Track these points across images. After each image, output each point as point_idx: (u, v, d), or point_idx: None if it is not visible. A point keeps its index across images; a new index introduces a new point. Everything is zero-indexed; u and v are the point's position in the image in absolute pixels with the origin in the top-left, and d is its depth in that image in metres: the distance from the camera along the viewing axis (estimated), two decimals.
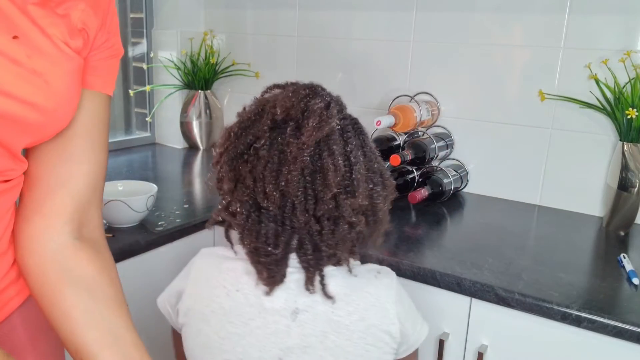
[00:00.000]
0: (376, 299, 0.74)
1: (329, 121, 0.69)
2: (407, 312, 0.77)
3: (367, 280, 0.75)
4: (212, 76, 1.96)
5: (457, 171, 1.54)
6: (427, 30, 1.58)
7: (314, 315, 0.72)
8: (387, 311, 0.73)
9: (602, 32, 1.35)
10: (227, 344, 0.74)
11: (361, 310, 0.73)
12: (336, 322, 0.72)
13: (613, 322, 0.89)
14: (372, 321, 0.73)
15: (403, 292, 0.79)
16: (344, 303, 0.72)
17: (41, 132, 0.61)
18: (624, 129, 1.28)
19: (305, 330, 0.72)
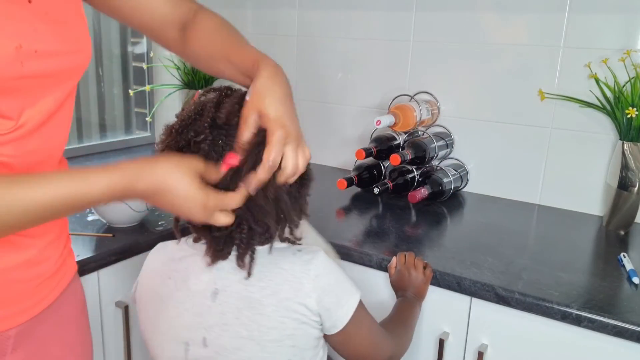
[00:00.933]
0: (290, 274, 0.76)
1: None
2: (330, 286, 0.77)
3: (283, 257, 0.78)
4: (212, 76, 1.96)
5: (457, 170, 1.54)
6: (427, 29, 1.58)
7: (229, 293, 0.77)
8: (302, 285, 0.75)
9: (602, 31, 1.35)
10: (163, 326, 0.82)
11: (273, 285, 0.75)
12: (249, 297, 0.75)
13: (613, 322, 0.89)
14: (286, 295, 0.75)
15: (328, 268, 0.79)
16: (256, 279, 0.76)
17: (78, 74, 0.71)
18: (624, 128, 1.28)
19: (223, 308, 0.77)
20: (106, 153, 1.91)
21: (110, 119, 2.01)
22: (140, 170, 0.63)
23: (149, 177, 0.63)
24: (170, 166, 0.65)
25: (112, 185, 0.61)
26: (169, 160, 0.66)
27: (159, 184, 0.63)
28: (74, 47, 0.69)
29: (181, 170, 0.65)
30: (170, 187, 0.64)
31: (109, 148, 1.95)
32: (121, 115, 2.05)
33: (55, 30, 0.65)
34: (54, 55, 0.64)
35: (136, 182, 0.62)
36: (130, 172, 0.63)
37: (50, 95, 0.66)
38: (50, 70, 0.64)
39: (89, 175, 0.61)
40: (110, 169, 0.62)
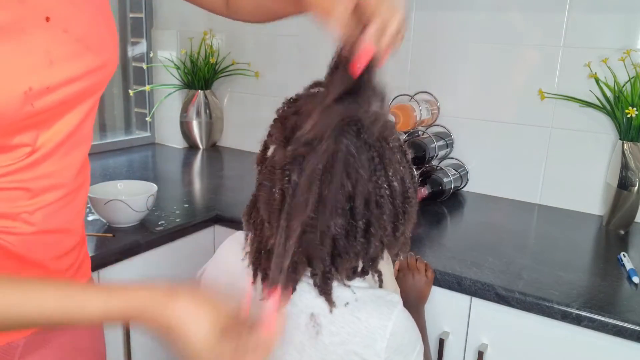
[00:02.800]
0: (365, 327, 0.70)
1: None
2: (402, 347, 0.72)
3: (362, 304, 0.71)
4: (212, 76, 1.96)
5: (457, 170, 1.54)
6: (427, 29, 1.58)
7: (296, 324, 0.71)
8: (375, 342, 0.69)
9: (601, 31, 1.35)
10: None
11: (344, 334, 0.70)
12: (317, 340, 0.70)
13: (613, 321, 0.89)
14: (354, 348, 0.70)
15: (405, 326, 0.72)
16: (327, 321, 0.70)
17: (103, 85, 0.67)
18: (624, 128, 1.28)
19: (287, 335, 0.71)
20: (106, 153, 1.91)
21: (110, 119, 2.01)
22: (151, 301, 0.54)
23: (162, 312, 0.54)
24: (191, 307, 0.54)
25: (112, 310, 0.53)
26: (192, 299, 0.55)
27: (172, 324, 0.53)
28: (96, 64, 0.63)
29: (201, 315, 0.54)
30: (185, 332, 0.53)
31: (109, 148, 1.95)
32: (121, 115, 2.05)
33: (74, 51, 0.60)
34: (70, 82, 0.60)
35: (143, 312, 0.54)
36: (138, 302, 0.54)
37: (68, 117, 0.63)
38: (64, 98, 0.60)
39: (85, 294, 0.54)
40: (115, 292, 0.54)
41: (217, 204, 1.41)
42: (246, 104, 1.95)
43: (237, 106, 1.99)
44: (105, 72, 0.66)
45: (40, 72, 0.56)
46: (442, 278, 1.04)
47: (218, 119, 2.01)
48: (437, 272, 1.04)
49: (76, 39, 0.60)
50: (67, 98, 0.61)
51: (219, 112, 2.02)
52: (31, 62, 0.55)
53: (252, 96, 1.94)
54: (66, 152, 0.65)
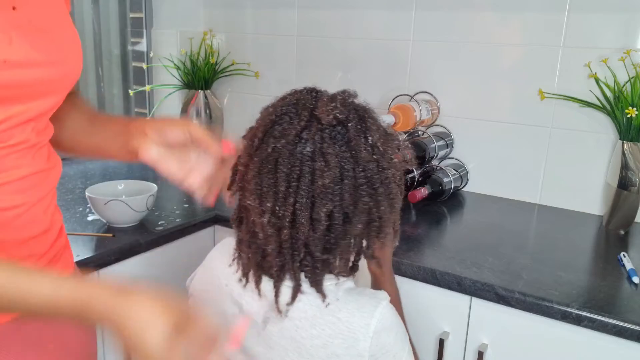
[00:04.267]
0: (347, 327, 0.67)
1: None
2: (388, 346, 0.69)
3: (344, 303, 0.69)
4: (212, 76, 1.96)
5: (457, 170, 1.54)
6: (427, 29, 1.58)
7: (280, 328, 0.70)
8: (357, 342, 0.67)
9: (601, 31, 1.35)
10: None
11: (325, 336, 0.68)
12: (298, 342, 0.69)
13: (613, 321, 0.89)
14: (336, 350, 0.67)
15: (390, 324, 0.70)
16: (309, 324, 0.68)
17: (64, 85, 0.69)
18: (624, 128, 1.28)
19: (270, 341, 0.71)
20: None
21: None
22: (102, 296, 0.53)
23: (112, 309, 0.53)
24: (144, 306, 0.53)
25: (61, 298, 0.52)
26: (145, 298, 0.54)
27: (123, 322, 0.53)
28: (56, 58, 0.66)
29: (154, 314, 0.53)
30: (135, 332, 0.52)
31: None
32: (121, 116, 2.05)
33: (35, 39, 0.63)
34: (28, 66, 0.62)
35: (92, 306, 0.53)
36: (87, 295, 0.53)
37: (17, 107, 0.64)
38: (22, 81, 0.62)
39: (36, 275, 0.54)
40: (67, 282, 0.54)
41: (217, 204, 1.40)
42: (246, 104, 1.95)
43: (237, 106, 1.99)
44: (66, 69, 0.69)
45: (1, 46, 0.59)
46: (442, 278, 1.04)
47: (218, 119, 2.00)
48: (437, 272, 1.04)
49: (39, 29, 0.64)
50: (23, 82, 0.63)
51: (219, 112, 2.02)
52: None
53: (252, 96, 1.94)
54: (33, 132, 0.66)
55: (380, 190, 0.68)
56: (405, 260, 1.08)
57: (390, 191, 0.69)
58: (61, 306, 0.53)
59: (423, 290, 1.07)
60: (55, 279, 0.55)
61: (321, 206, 0.65)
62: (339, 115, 0.67)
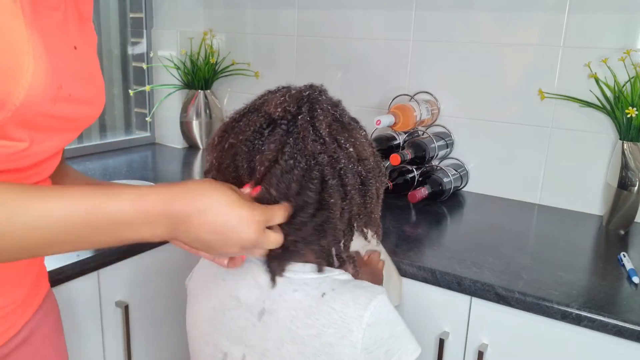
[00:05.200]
0: (341, 317, 0.67)
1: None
2: (382, 339, 0.68)
3: (339, 294, 0.69)
4: (212, 76, 1.96)
5: (457, 170, 1.54)
6: (427, 29, 1.58)
7: (275, 319, 0.71)
8: (351, 332, 0.67)
9: (601, 31, 1.35)
10: (206, 327, 0.77)
11: (319, 325, 0.68)
12: (293, 331, 0.69)
13: (613, 321, 0.89)
14: (329, 339, 0.68)
15: (385, 318, 0.70)
16: (304, 314, 0.69)
17: (92, 122, 0.70)
18: (624, 128, 1.28)
19: (266, 333, 0.71)
20: (106, 153, 1.91)
21: (110, 119, 2.01)
22: (178, 188, 0.57)
23: (188, 193, 0.57)
24: (209, 184, 0.59)
25: (144, 203, 0.55)
26: (206, 180, 0.61)
27: (200, 200, 0.57)
28: (97, 100, 0.69)
29: (221, 187, 0.59)
30: (213, 203, 0.57)
31: (109, 148, 1.95)
32: (121, 115, 2.05)
33: (88, 80, 0.66)
34: (81, 103, 0.64)
35: (172, 200, 0.56)
36: (164, 190, 0.57)
37: (59, 138, 0.66)
38: (73, 115, 0.64)
39: (116, 189, 0.55)
40: (141, 187, 0.57)
41: None
42: None
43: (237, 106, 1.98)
44: (96, 111, 0.70)
45: (69, 79, 0.60)
46: (442, 278, 1.04)
47: (218, 119, 2.01)
48: (437, 272, 1.04)
49: (89, 70, 0.66)
50: (73, 116, 0.64)
51: (219, 112, 2.02)
52: (65, 68, 0.59)
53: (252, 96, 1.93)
54: (43, 171, 0.67)
55: (332, 183, 0.66)
56: (405, 260, 1.08)
57: (345, 183, 0.68)
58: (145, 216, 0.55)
59: (423, 291, 1.07)
60: (132, 187, 0.56)
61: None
62: (288, 108, 0.68)
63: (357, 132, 0.73)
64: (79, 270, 1.06)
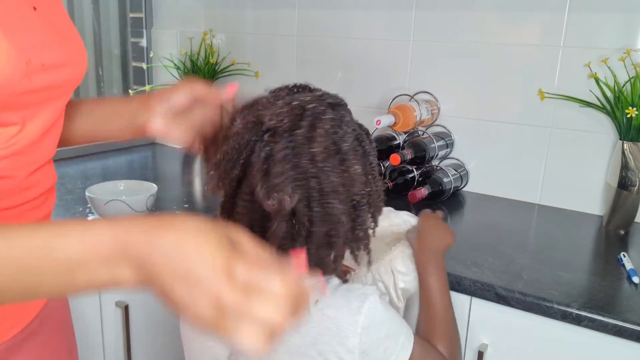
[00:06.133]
0: (335, 325, 0.66)
1: None
2: (379, 341, 0.68)
3: (330, 300, 0.68)
4: (212, 76, 1.96)
5: (457, 170, 1.54)
6: (427, 29, 1.58)
7: None
8: (347, 339, 0.66)
9: (601, 31, 1.35)
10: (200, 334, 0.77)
11: (315, 334, 0.67)
12: (287, 340, 0.68)
13: (613, 321, 0.89)
14: (325, 347, 0.67)
15: (380, 318, 0.69)
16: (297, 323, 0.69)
17: (78, 83, 0.69)
18: (624, 128, 1.28)
19: None
20: (106, 153, 1.91)
21: None
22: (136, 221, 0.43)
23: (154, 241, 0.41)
24: (189, 230, 0.42)
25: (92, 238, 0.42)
26: (191, 220, 0.43)
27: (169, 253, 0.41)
28: (76, 58, 0.68)
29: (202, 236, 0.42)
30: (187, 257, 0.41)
31: (109, 148, 1.95)
32: None
33: (59, 40, 0.64)
34: (58, 67, 0.63)
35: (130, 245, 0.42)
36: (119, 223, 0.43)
37: (50, 108, 0.65)
38: (54, 82, 0.63)
39: (60, 225, 0.43)
40: (91, 220, 0.44)
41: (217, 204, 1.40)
42: None
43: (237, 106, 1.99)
44: (82, 68, 0.69)
45: (36, 48, 0.59)
46: None
47: None
48: None
49: (58, 31, 0.64)
50: (55, 83, 0.63)
51: None
52: (28, 39, 0.58)
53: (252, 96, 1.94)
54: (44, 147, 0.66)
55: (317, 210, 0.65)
56: None
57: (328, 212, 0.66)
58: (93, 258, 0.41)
59: None
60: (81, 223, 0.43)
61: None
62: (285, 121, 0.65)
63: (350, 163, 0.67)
64: None
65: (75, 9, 1.80)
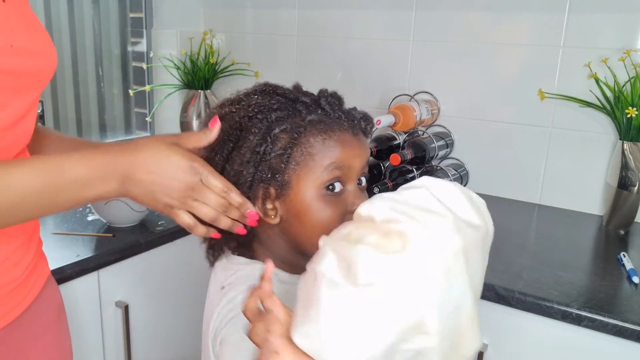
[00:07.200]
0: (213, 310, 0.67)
1: None
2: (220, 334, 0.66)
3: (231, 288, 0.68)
4: (212, 76, 1.96)
5: (457, 170, 1.54)
6: (427, 29, 1.58)
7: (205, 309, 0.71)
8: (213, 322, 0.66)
9: (601, 31, 1.35)
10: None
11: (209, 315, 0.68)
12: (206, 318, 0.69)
13: (613, 321, 0.89)
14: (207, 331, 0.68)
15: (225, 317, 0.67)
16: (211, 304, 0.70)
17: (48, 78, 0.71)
18: (624, 128, 1.28)
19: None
20: None
21: (110, 119, 2.01)
22: (122, 145, 0.63)
23: (132, 148, 0.62)
24: (153, 138, 0.64)
25: (92, 160, 0.60)
26: (152, 137, 0.65)
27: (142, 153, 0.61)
28: (45, 49, 0.69)
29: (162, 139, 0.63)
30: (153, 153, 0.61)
31: None
32: (121, 116, 2.05)
33: (27, 29, 0.65)
34: (28, 53, 0.65)
35: (118, 155, 0.61)
36: (111, 148, 0.62)
37: (20, 98, 0.66)
38: (25, 67, 0.64)
39: (69, 155, 0.60)
40: (91, 149, 0.62)
41: None
42: None
43: None
44: (52, 61, 0.71)
45: (6, 32, 0.61)
46: None
47: None
48: None
49: (26, 22, 0.66)
50: (26, 69, 0.65)
51: None
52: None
53: None
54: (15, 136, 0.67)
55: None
56: None
57: None
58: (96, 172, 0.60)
59: None
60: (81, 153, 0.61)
61: None
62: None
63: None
64: (79, 270, 1.06)
65: (75, 9, 1.80)
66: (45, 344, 0.77)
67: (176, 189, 0.61)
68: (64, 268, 1.03)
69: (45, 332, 0.77)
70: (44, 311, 0.77)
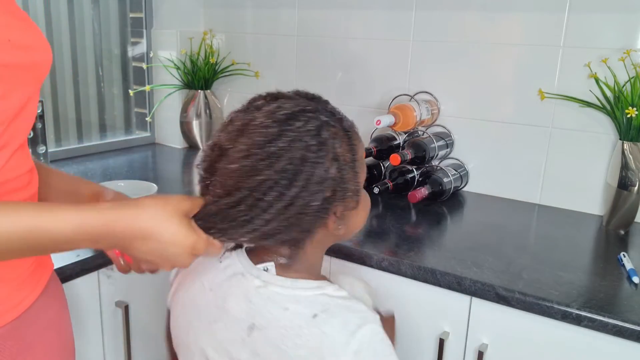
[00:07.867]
0: (330, 342, 0.66)
1: None
2: None
3: (330, 317, 0.68)
4: (212, 76, 1.96)
5: (457, 170, 1.54)
6: (427, 29, 1.58)
7: (265, 336, 0.69)
8: (338, 358, 0.66)
9: (601, 31, 1.35)
10: (192, 335, 0.77)
11: (310, 347, 0.67)
12: (282, 350, 0.68)
13: (613, 321, 0.89)
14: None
15: (374, 349, 0.68)
16: (294, 334, 0.68)
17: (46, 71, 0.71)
18: (624, 128, 1.28)
19: (255, 348, 0.70)
20: (106, 153, 1.91)
21: (110, 119, 2.01)
22: (120, 212, 0.60)
23: (131, 219, 0.60)
24: (157, 208, 0.62)
25: (84, 226, 0.57)
26: (155, 201, 0.63)
27: (143, 227, 0.60)
28: (41, 45, 0.70)
29: (169, 212, 0.62)
30: (156, 232, 0.61)
31: (109, 148, 1.95)
32: (121, 115, 2.05)
33: (22, 26, 0.66)
34: (25, 48, 0.65)
35: (114, 224, 0.59)
36: (108, 213, 0.59)
37: (17, 93, 0.66)
38: (21, 61, 0.65)
39: (58, 211, 0.57)
40: (84, 207, 0.58)
41: None
42: None
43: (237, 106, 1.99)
44: (48, 57, 0.71)
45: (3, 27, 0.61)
46: (442, 278, 1.04)
47: (218, 119, 2.01)
48: (437, 272, 1.04)
49: (18, 18, 0.66)
50: (23, 62, 0.65)
51: (219, 112, 2.02)
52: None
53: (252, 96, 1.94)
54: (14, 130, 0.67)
55: None
56: (406, 260, 1.08)
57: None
58: (86, 238, 0.58)
59: (423, 290, 1.07)
60: (76, 209, 0.58)
61: None
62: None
63: None
64: (79, 270, 1.06)
65: (75, 9, 1.80)
66: (50, 339, 0.77)
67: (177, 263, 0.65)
68: (64, 268, 1.03)
69: (50, 326, 0.77)
70: (50, 305, 0.77)
